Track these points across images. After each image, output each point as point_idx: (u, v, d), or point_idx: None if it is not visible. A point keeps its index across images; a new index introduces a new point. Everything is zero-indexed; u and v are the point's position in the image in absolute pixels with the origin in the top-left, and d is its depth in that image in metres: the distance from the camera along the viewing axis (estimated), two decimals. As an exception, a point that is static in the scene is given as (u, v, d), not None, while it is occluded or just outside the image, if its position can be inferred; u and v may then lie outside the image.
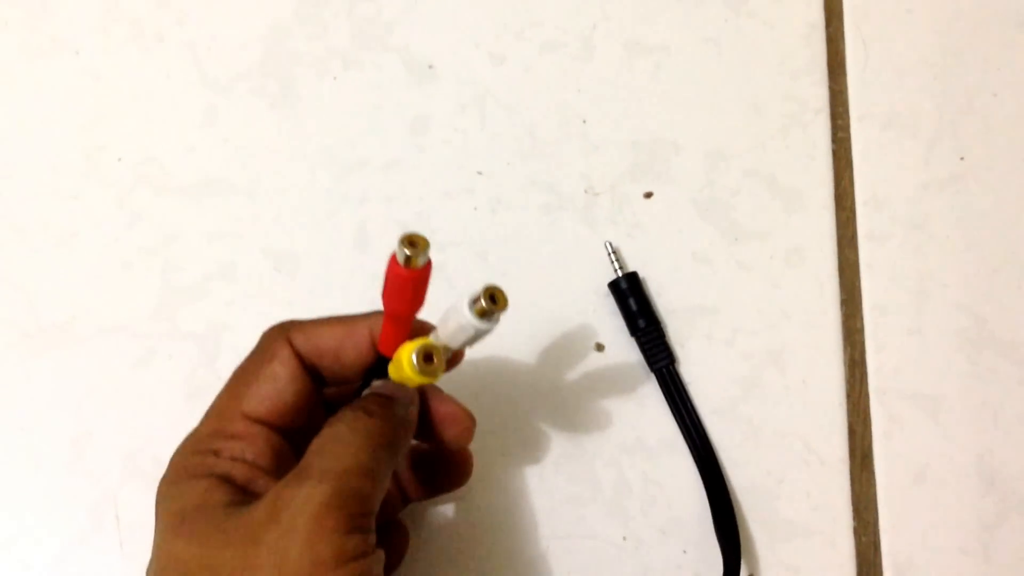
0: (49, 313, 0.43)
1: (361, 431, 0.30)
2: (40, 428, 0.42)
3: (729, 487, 0.41)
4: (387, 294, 0.30)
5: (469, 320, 0.29)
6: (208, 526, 0.29)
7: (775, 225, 0.45)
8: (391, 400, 0.32)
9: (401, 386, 0.33)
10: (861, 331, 0.44)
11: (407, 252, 0.29)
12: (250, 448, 0.31)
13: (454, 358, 0.34)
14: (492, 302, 0.29)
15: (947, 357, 0.44)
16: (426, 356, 0.30)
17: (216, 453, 0.31)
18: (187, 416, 0.40)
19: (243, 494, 0.30)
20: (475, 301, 0.29)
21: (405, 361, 0.30)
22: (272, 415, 0.32)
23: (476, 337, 0.30)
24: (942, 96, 0.47)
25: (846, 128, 0.47)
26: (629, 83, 0.47)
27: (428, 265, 0.30)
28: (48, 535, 0.40)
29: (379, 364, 0.33)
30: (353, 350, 0.33)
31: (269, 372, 0.32)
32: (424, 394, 0.34)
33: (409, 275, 0.29)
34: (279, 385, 0.32)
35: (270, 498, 0.28)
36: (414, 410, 0.33)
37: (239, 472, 0.31)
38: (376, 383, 0.33)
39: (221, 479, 0.30)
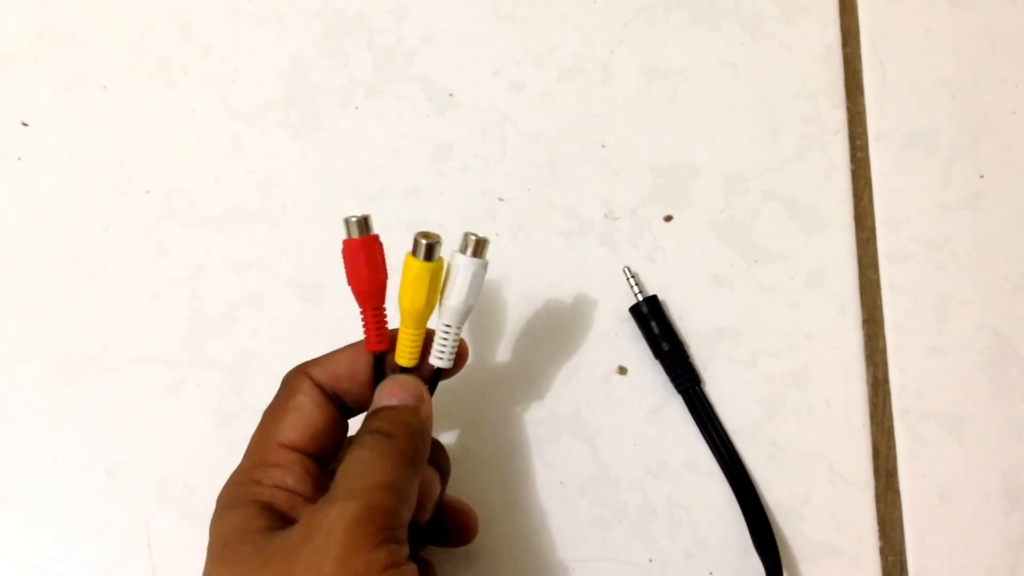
0: (80, 344, 0.44)
1: (380, 451, 0.31)
2: (73, 457, 0.42)
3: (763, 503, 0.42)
4: (352, 275, 0.34)
5: (464, 261, 0.34)
6: (248, 549, 0.30)
7: (795, 246, 0.45)
8: (400, 412, 0.33)
9: (404, 386, 0.34)
10: (883, 351, 0.44)
11: (354, 219, 0.33)
12: (290, 475, 0.32)
13: (458, 359, 0.36)
14: (475, 237, 0.34)
15: (970, 375, 0.43)
16: (424, 235, 0.33)
17: (258, 482, 0.32)
18: (217, 443, 0.42)
19: (284, 521, 0.31)
20: (464, 247, 0.34)
21: (409, 259, 0.33)
22: (305, 440, 0.33)
23: (476, 276, 0.34)
24: (961, 115, 0.47)
25: (864, 148, 0.47)
26: (647, 108, 0.48)
27: (378, 237, 0.34)
28: (82, 562, 0.41)
29: (377, 365, 0.35)
30: (367, 367, 0.35)
31: (295, 403, 0.34)
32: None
33: (363, 240, 0.33)
34: (306, 413, 0.33)
35: (305, 520, 0.29)
36: (426, 408, 0.34)
37: (282, 499, 0.32)
38: (378, 392, 0.34)
39: (263, 507, 0.31)
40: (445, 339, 0.35)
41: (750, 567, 0.41)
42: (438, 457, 0.37)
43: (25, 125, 0.47)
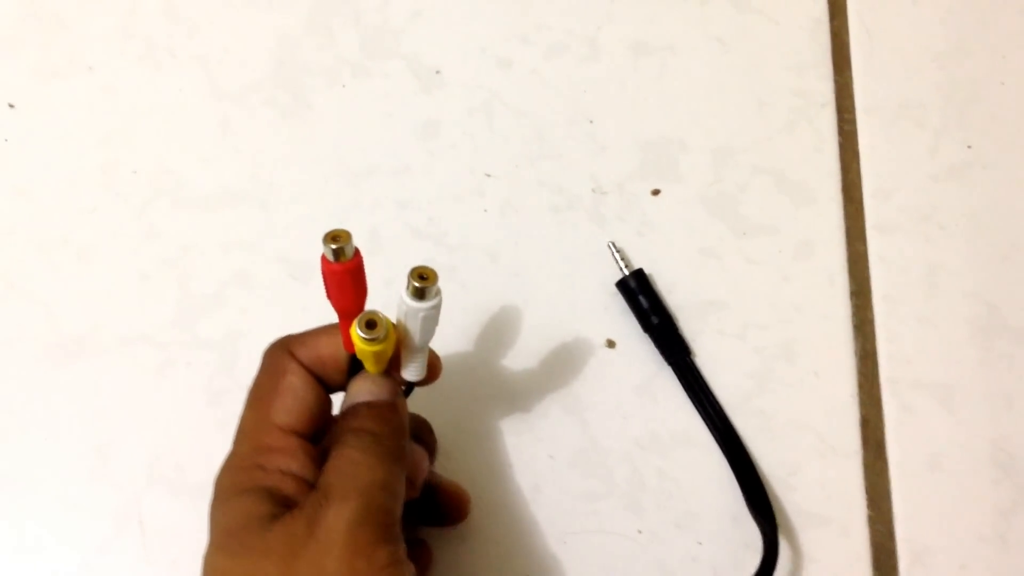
0: (70, 325, 0.44)
1: (367, 451, 0.31)
2: (64, 438, 0.42)
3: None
4: (330, 294, 0.32)
5: (410, 305, 0.31)
6: (252, 539, 0.29)
7: (783, 219, 0.45)
8: (379, 408, 0.33)
9: (378, 382, 0.33)
10: (872, 322, 0.44)
11: (333, 247, 0.30)
12: (294, 461, 0.32)
13: (431, 372, 0.35)
14: (422, 279, 0.30)
15: (959, 345, 0.43)
16: (368, 323, 0.31)
17: (261, 467, 0.31)
18: (207, 422, 0.42)
19: (288, 506, 0.30)
20: (407, 286, 0.31)
21: (352, 335, 0.31)
22: (302, 424, 0.33)
23: (426, 320, 0.32)
24: (948, 86, 0.47)
25: (852, 121, 0.47)
26: (635, 83, 0.48)
27: (358, 255, 0.31)
28: (74, 543, 0.41)
29: (353, 364, 0.34)
30: (347, 355, 0.34)
31: (287, 385, 0.33)
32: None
33: (343, 268, 0.30)
34: (299, 395, 0.33)
35: (305, 515, 0.29)
36: (402, 403, 0.34)
37: (288, 485, 0.31)
38: (352, 389, 0.34)
39: (267, 492, 0.31)
40: (414, 363, 0.34)
41: (738, 538, 0.41)
42: (424, 434, 0.37)
43: (11, 107, 0.47)
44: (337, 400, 0.35)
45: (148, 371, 0.43)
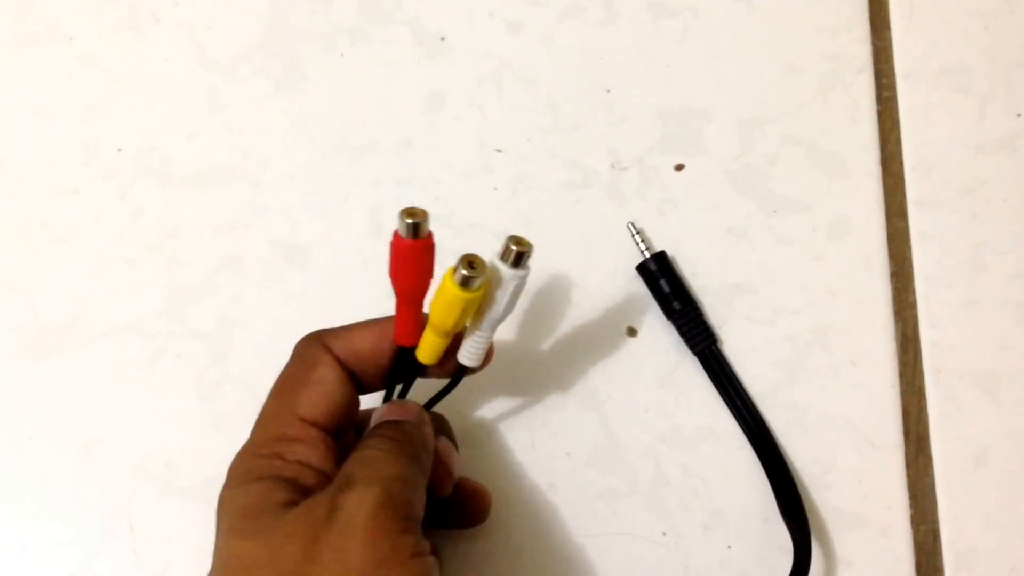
0: (51, 315, 0.42)
1: (390, 450, 0.31)
2: (47, 436, 0.41)
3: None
4: (395, 272, 0.31)
5: (507, 272, 0.31)
6: (271, 521, 0.29)
7: (817, 195, 0.44)
8: (404, 424, 0.33)
9: (406, 406, 0.34)
10: (913, 305, 0.43)
11: (409, 221, 0.30)
12: (314, 452, 0.32)
13: (487, 355, 0.35)
14: (520, 245, 0.31)
15: (1007, 330, 0.42)
16: (470, 263, 0.30)
17: (280, 456, 0.32)
18: (199, 418, 0.41)
19: (305, 496, 0.31)
20: (504, 254, 0.31)
21: (446, 282, 0.30)
22: (327, 418, 0.33)
23: (518, 289, 0.32)
24: (995, 48, 0.45)
25: (891, 87, 0.45)
26: (655, 48, 0.46)
27: (431, 236, 0.31)
28: (61, 547, 0.40)
29: (400, 357, 0.34)
30: (390, 351, 0.34)
31: (317, 377, 0.33)
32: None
33: (415, 244, 0.30)
34: (328, 388, 0.33)
35: (325, 499, 0.29)
36: (428, 430, 0.34)
37: (307, 477, 0.31)
38: (379, 410, 0.34)
39: (285, 481, 0.31)
40: (477, 343, 0.33)
41: (770, 539, 0.39)
42: (446, 430, 0.37)
43: (-16, 80, 0.46)
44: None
45: (135, 364, 0.42)
